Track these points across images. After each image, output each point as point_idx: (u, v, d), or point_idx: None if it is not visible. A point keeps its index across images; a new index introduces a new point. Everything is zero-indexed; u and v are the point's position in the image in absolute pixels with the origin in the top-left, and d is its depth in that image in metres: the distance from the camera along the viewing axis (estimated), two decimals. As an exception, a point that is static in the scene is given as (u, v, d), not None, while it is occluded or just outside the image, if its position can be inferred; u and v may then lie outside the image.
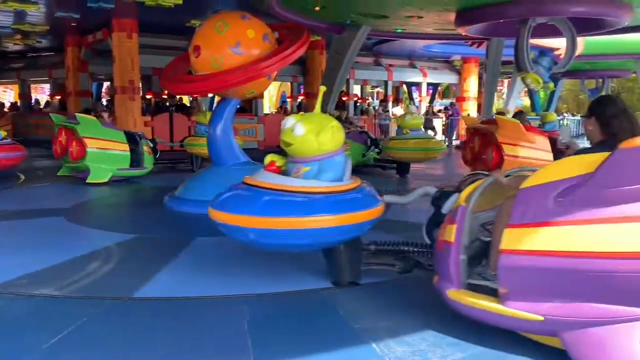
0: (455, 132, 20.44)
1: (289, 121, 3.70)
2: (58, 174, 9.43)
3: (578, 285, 2.53)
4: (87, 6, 9.73)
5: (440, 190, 3.91)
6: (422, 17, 11.50)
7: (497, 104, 25.67)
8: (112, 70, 13.35)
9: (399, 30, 13.70)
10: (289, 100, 23.15)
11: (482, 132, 8.73)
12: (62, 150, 9.14)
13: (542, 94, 28.24)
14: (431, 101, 25.80)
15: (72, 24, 13.88)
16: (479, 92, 21.80)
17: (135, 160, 9.14)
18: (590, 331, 2.54)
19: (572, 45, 10.34)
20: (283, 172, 3.83)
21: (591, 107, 3.03)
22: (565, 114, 23.87)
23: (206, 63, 6.29)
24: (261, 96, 17.59)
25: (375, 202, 3.86)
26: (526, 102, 30.71)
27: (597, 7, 9.33)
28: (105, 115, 10.55)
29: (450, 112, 20.54)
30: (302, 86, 20.31)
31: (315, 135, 3.62)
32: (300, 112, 15.63)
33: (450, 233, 3.10)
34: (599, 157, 2.48)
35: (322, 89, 4.20)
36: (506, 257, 2.69)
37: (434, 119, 20.24)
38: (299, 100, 21.05)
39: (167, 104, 16.72)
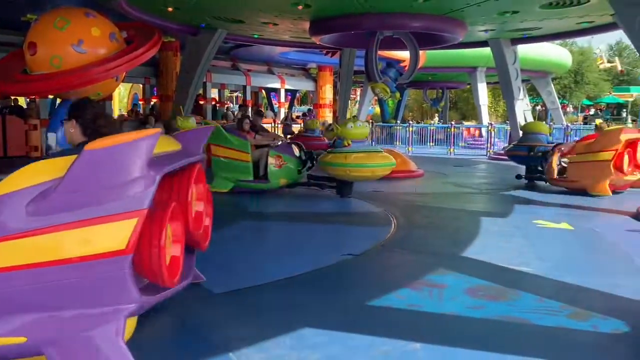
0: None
1: None
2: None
3: (52, 295, 2.37)
4: None
5: None
6: (277, 24, 11.67)
7: (351, 111, 26.96)
8: None
9: (255, 36, 13.77)
10: (141, 102, 22.12)
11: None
12: None
13: (390, 102, 30.26)
14: (290, 107, 26.29)
15: None
16: (334, 99, 22.70)
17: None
18: (73, 340, 2.41)
19: (415, 57, 11.20)
20: None
21: (70, 110, 3.05)
22: (410, 122, 25.73)
23: (44, 62, 5.77)
24: (110, 98, 16.54)
25: None
26: (377, 109, 32.67)
27: (436, 24, 10.21)
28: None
29: (308, 119, 21.10)
30: (155, 88, 19.54)
31: None
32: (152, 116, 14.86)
33: None
34: (69, 160, 2.36)
35: None
36: None
37: (292, 125, 20.64)
38: (152, 102, 20.21)
39: None
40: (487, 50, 15.11)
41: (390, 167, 8.39)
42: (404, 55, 14.32)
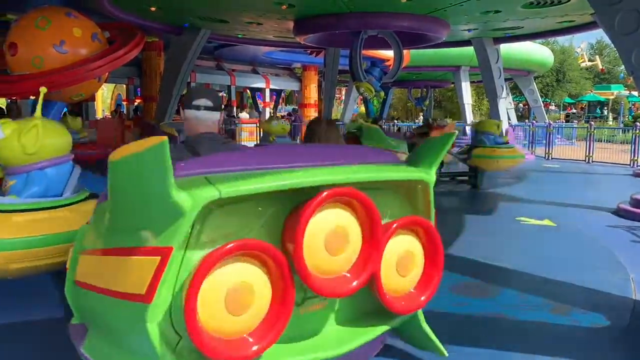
0: (299, 138, 21.06)
1: None
2: None
3: None
4: None
5: None
6: (261, 24, 11.65)
7: (336, 110, 27.00)
8: None
9: (240, 36, 13.74)
10: (124, 103, 21.97)
11: None
12: None
13: (375, 101, 30.33)
14: (275, 107, 26.26)
15: None
16: (319, 99, 22.72)
17: None
18: None
19: (399, 57, 11.25)
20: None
21: None
22: (396, 121, 25.84)
23: (25, 62, 5.72)
24: (93, 99, 16.40)
25: None
26: (362, 109, 32.78)
27: (419, 23, 10.27)
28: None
29: (293, 118, 21.10)
30: (139, 89, 19.41)
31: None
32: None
33: None
34: None
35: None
36: None
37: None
38: (136, 103, 20.08)
39: (-21, 106, 14.79)
40: (470, 50, 15.23)
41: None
42: (389, 54, 14.38)
